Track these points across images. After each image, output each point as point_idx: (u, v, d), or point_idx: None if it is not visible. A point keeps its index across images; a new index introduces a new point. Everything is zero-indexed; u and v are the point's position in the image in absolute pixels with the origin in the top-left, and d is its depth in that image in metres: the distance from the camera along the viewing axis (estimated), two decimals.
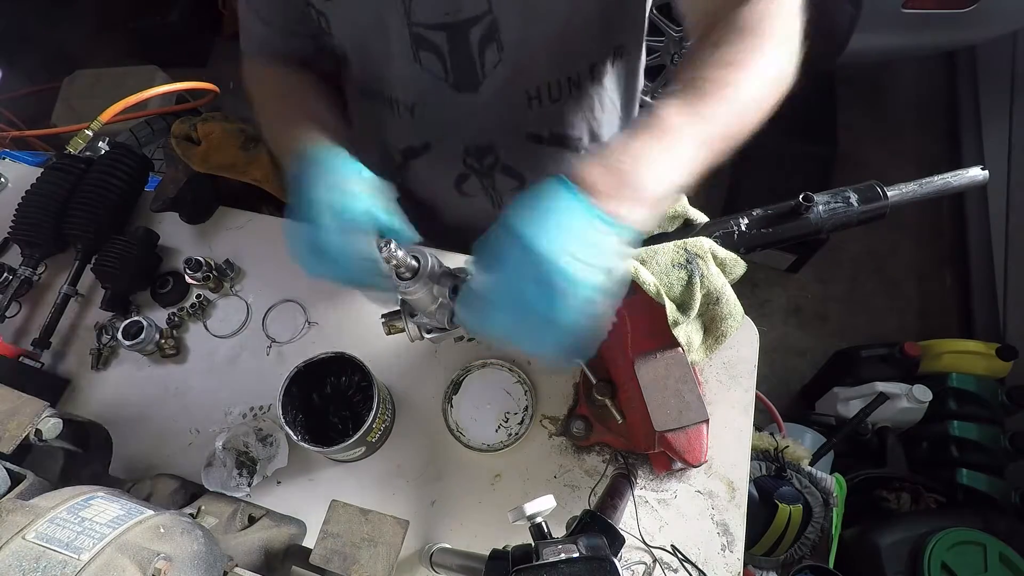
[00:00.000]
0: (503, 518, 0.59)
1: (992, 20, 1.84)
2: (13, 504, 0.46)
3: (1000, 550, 1.34)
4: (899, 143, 2.47)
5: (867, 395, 1.71)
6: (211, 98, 1.91)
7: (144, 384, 0.92)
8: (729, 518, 0.77)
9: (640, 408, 0.66)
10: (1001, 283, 2.01)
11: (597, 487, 0.79)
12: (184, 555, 0.48)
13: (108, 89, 2.41)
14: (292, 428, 0.75)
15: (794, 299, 2.26)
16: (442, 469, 0.83)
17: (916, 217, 2.33)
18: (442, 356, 0.89)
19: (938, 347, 1.78)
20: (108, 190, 0.99)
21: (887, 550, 1.39)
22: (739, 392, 0.84)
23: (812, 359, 2.11)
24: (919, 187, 0.69)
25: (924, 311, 2.22)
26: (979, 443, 1.65)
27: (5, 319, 0.96)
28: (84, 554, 0.42)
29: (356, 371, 0.80)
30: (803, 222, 0.67)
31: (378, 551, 0.59)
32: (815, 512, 1.28)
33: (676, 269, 0.63)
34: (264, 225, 1.04)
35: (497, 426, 0.84)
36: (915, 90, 2.60)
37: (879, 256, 2.30)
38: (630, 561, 0.75)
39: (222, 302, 0.98)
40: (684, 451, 0.64)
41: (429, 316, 0.59)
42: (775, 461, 1.33)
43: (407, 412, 0.87)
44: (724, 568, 0.75)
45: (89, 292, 1.00)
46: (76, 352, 0.96)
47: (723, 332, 0.68)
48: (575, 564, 0.51)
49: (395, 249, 0.50)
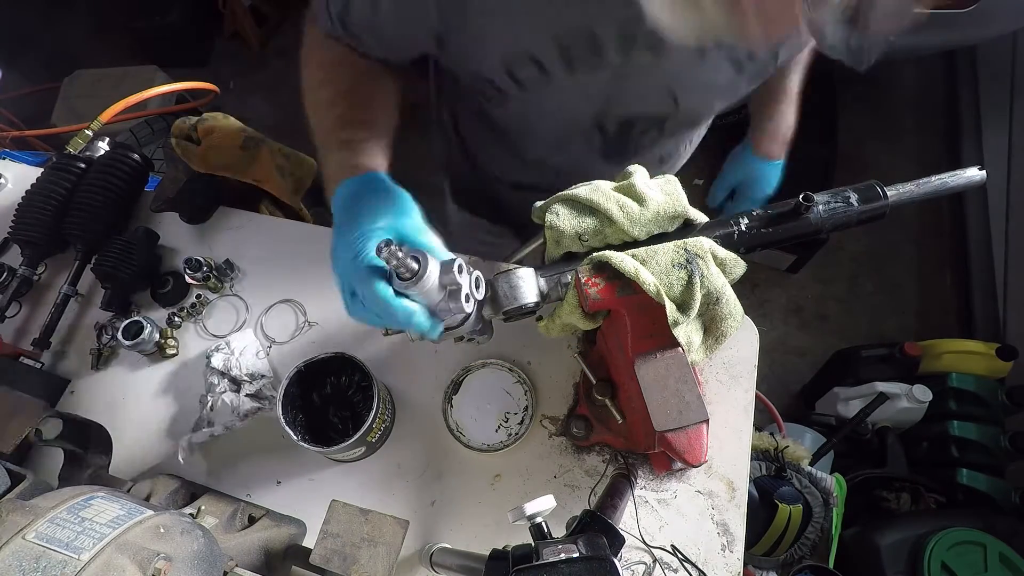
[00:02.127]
0: (503, 518, 0.59)
1: (992, 20, 1.84)
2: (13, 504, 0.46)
3: (1000, 550, 1.34)
4: (899, 143, 2.47)
5: (867, 395, 1.71)
6: (211, 98, 1.91)
7: (144, 384, 0.92)
8: (729, 518, 0.77)
9: (640, 408, 0.66)
10: (1001, 283, 2.01)
11: (597, 487, 0.79)
12: (184, 555, 0.48)
13: (108, 89, 2.41)
14: (292, 428, 0.75)
15: (794, 299, 2.26)
16: (442, 469, 0.83)
17: (916, 217, 2.33)
18: (442, 356, 0.89)
19: (938, 347, 1.77)
20: (108, 190, 0.99)
21: (887, 550, 1.39)
22: (739, 392, 0.84)
23: (812, 359, 2.10)
24: (916, 187, 0.69)
25: (924, 311, 2.22)
26: (979, 443, 1.65)
27: (5, 319, 0.96)
28: (84, 554, 0.42)
29: (356, 371, 0.80)
30: (803, 222, 0.67)
31: (378, 551, 0.59)
32: (815, 512, 1.28)
33: (676, 269, 0.63)
34: (264, 225, 1.04)
35: (497, 426, 0.84)
36: (915, 90, 2.60)
37: (879, 256, 2.30)
38: (630, 561, 0.75)
39: (222, 302, 0.98)
40: (684, 451, 0.64)
41: (440, 314, 0.58)
42: (775, 461, 1.33)
43: (407, 412, 0.87)
44: (724, 568, 0.75)
45: (89, 292, 1.00)
46: (76, 352, 0.96)
47: (723, 332, 0.68)
48: (575, 564, 0.51)
49: (396, 250, 0.50)
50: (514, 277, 0.62)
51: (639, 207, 0.66)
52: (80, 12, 3.12)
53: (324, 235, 1.03)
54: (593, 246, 0.67)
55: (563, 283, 0.66)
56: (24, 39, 2.99)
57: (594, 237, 0.67)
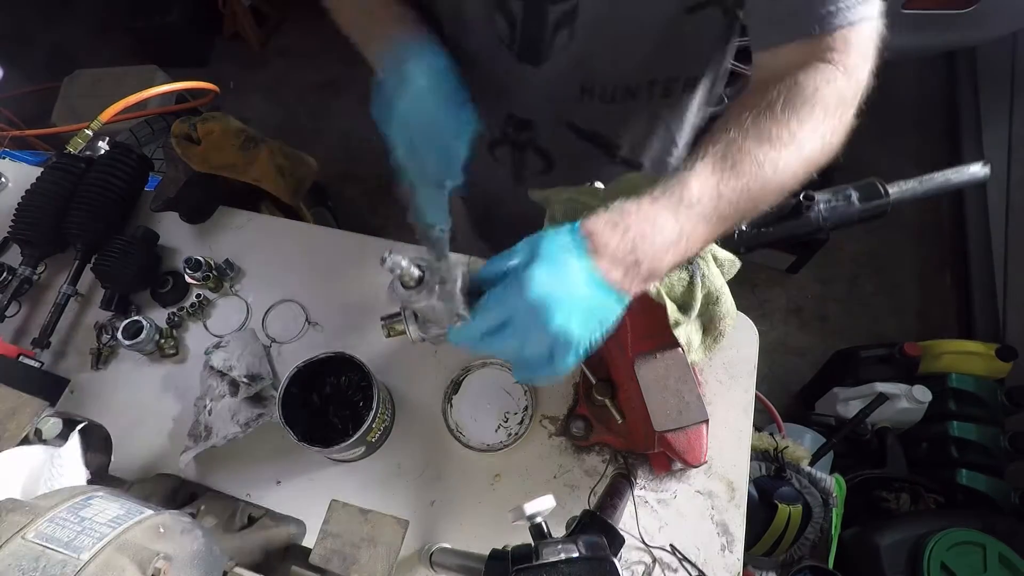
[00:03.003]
0: (503, 518, 0.59)
1: (992, 20, 1.84)
2: (13, 504, 0.46)
3: (999, 550, 1.34)
4: (899, 143, 2.47)
5: (867, 395, 1.71)
6: (211, 98, 1.91)
7: (144, 384, 0.92)
8: (729, 518, 0.77)
9: (640, 408, 0.66)
10: (1001, 283, 2.00)
11: (597, 487, 0.79)
12: (184, 555, 0.47)
13: (108, 89, 2.41)
14: (292, 428, 0.75)
15: (794, 299, 2.26)
16: (442, 469, 0.83)
17: (916, 217, 2.33)
18: (442, 356, 0.89)
19: (938, 347, 1.77)
20: (108, 190, 0.99)
21: (887, 550, 1.39)
22: (739, 392, 0.84)
23: (812, 359, 2.10)
24: (919, 184, 0.69)
25: (924, 311, 2.22)
26: (979, 443, 1.65)
27: (5, 319, 0.96)
28: (84, 554, 0.42)
29: (356, 371, 0.80)
30: (804, 220, 0.67)
31: (378, 551, 0.59)
32: (815, 512, 1.28)
33: (677, 270, 0.63)
34: (264, 225, 1.04)
35: (497, 426, 0.84)
36: (915, 90, 2.59)
37: (879, 256, 2.30)
38: (630, 561, 0.75)
39: (222, 302, 0.98)
40: (684, 451, 0.64)
41: (436, 323, 0.58)
42: (775, 461, 1.33)
43: (407, 412, 0.87)
44: (724, 568, 0.75)
45: (89, 292, 1.00)
46: (76, 352, 0.96)
47: (721, 331, 0.68)
48: (575, 564, 0.51)
49: (400, 260, 0.50)
50: None
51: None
52: (80, 12, 3.13)
53: (324, 235, 1.03)
54: None
55: None
56: (24, 39, 3.00)
57: None
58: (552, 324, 0.48)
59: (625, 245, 0.50)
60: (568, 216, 0.67)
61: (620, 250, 0.50)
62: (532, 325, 0.49)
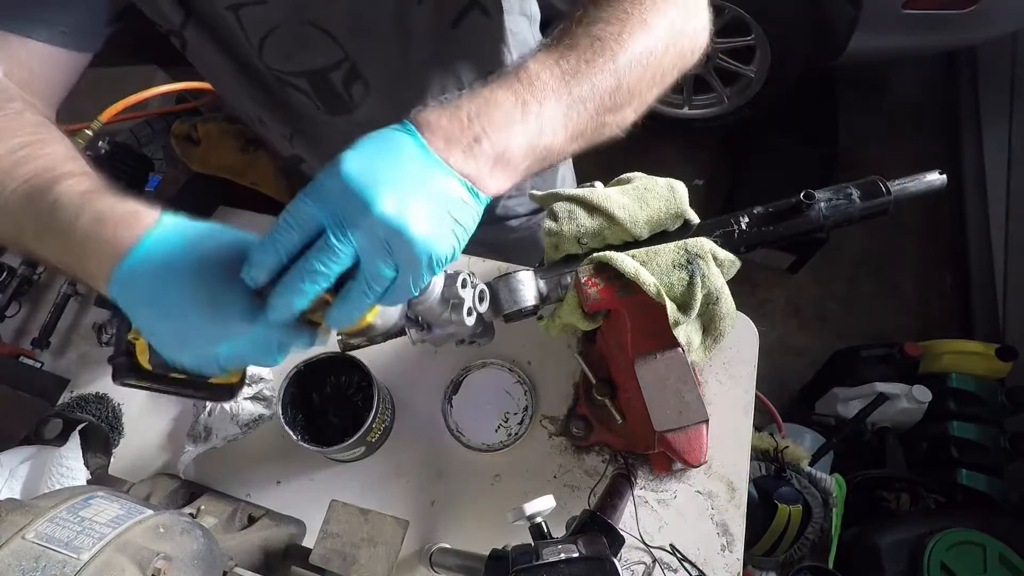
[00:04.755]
0: (503, 518, 0.59)
1: (992, 20, 1.84)
2: (13, 504, 0.46)
3: (999, 550, 1.34)
4: (899, 143, 2.47)
5: (867, 395, 1.71)
6: (211, 98, 1.91)
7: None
8: (729, 518, 0.77)
9: (640, 408, 0.66)
10: (1001, 283, 2.00)
11: (597, 487, 0.79)
12: (184, 555, 0.48)
13: (108, 89, 2.41)
14: (292, 428, 0.75)
15: (794, 299, 2.26)
16: (442, 469, 0.83)
17: (916, 217, 2.33)
18: (442, 356, 0.89)
19: (938, 347, 1.78)
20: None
21: (887, 550, 1.39)
22: (739, 392, 0.84)
23: (812, 359, 2.10)
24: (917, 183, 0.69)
25: (924, 311, 2.22)
26: (979, 443, 1.65)
27: (5, 319, 0.96)
28: (84, 553, 0.42)
29: (356, 371, 0.80)
30: (804, 219, 0.67)
31: (378, 551, 0.59)
32: (815, 512, 1.28)
33: (677, 270, 0.63)
34: (264, 225, 1.03)
35: (497, 426, 0.84)
36: (915, 90, 2.60)
37: (879, 256, 2.30)
38: (630, 561, 0.75)
39: None
40: (684, 451, 0.64)
41: (442, 326, 0.58)
42: (775, 461, 1.33)
43: (407, 412, 0.87)
44: (724, 568, 0.75)
45: (88, 291, 1.00)
46: (76, 352, 0.96)
47: (721, 331, 0.68)
48: (575, 564, 0.51)
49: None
50: (514, 281, 0.62)
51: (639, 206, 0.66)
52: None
53: None
54: (592, 247, 0.68)
55: (563, 285, 0.66)
56: None
57: (593, 239, 0.67)
58: (377, 208, 0.37)
59: (459, 121, 0.42)
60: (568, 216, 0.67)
61: (454, 127, 0.42)
62: (353, 216, 0.38)
